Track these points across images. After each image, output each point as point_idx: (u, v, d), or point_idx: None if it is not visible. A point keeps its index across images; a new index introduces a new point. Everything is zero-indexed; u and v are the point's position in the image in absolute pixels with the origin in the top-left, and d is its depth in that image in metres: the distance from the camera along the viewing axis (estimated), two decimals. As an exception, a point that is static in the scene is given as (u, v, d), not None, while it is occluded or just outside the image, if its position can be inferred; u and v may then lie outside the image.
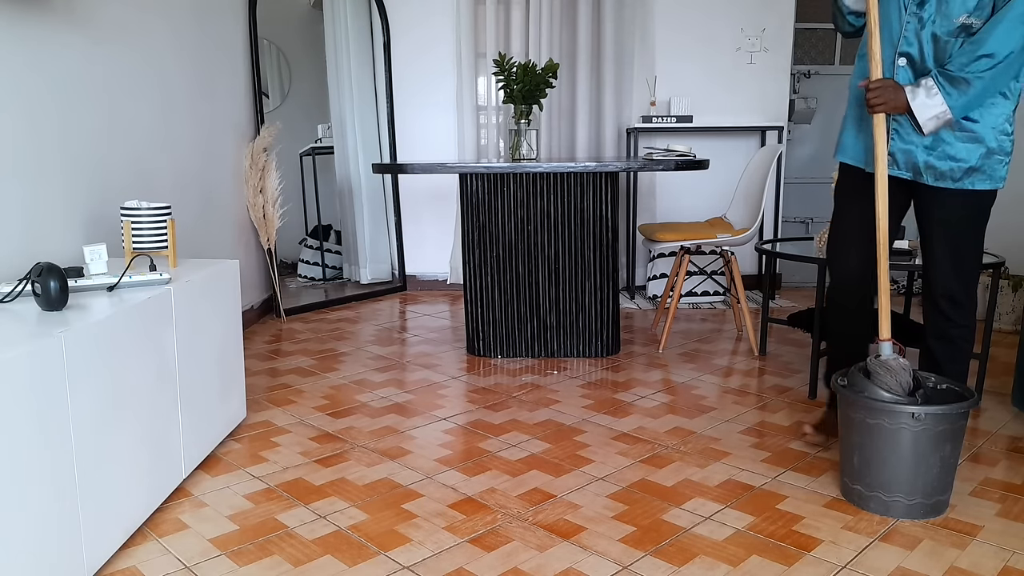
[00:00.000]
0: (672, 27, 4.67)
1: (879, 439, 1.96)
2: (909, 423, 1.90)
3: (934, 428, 1.90)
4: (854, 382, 2.05)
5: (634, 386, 3.03)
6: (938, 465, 1.94)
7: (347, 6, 4.63)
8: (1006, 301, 3.93)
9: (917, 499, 1.96)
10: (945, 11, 2.01)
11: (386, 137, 4.79)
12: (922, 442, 1.91)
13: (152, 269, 2.07)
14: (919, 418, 1.89)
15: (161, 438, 1.99)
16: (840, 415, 2.08)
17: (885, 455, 1.95)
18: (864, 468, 2.00)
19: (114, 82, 2.64)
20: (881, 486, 1.98)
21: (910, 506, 1.96)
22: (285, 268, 5.01)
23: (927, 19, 2.04)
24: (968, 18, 2.00)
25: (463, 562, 1.77)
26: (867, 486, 2.00)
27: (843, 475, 2.09)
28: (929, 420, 1.90)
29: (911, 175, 2.13)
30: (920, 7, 2.04)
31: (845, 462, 2.07)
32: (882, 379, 1.99)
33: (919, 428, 1.90)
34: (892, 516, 1.97)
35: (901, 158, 2.14)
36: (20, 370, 1.41)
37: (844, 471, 2.08)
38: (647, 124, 4.52)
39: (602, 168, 3.19)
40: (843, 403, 2.06)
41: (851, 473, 2.05)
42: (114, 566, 1.75)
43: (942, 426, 1.91)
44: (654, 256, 4.56)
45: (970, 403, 1.93)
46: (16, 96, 2.12)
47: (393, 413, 2.73)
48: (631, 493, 2.11)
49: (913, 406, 1.91)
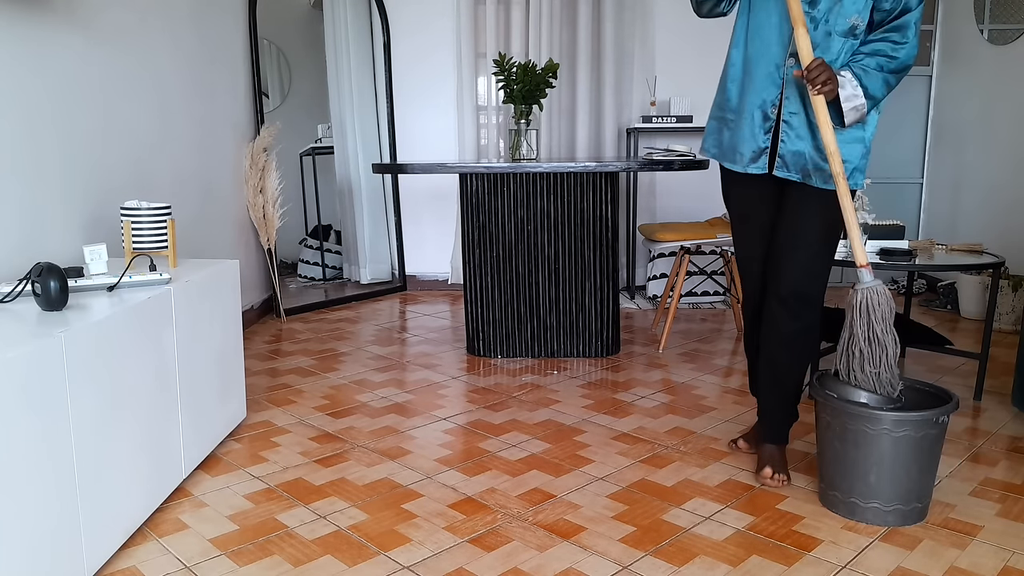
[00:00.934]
0: (672, 27, 4.67)
1: (857, 445, 1.92)
2: (890, 428, 1.87)
3: (915, 434, 1.87)
4: (832, 386, 2.02)
5: (634, 386, 3.03)
6: (916, 471, 1.91)
7: (347, 6, 4.63)
8: (1006, 301, 3.93)
9: (895, 505, 1.92)
10: (839, 10, 1.98)
11: (386, 137, 4.79)
12: (902, 448, 1.88)
13: (152, 269, 2.07)
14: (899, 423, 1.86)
15: (161, 438, 1.99)
16: (818, 420, 2.05)
17: (862, 461, 1.92)
18: (841, 474, 1.97)
19: (114, 82, 2.64)
20: (858, 492, 1.94)
21: (887, 512, 1.93)
22: (285, 268, 5.01)
23: (820, 18, 2.00)
24: (857, 18, 2.00)
25: (463, 562, 1.77)
26: (844, 492, 1.97)
27: (821, 480, 2.06)
28: (909, 426, 1.87)
29: (800, 177, 2.07)
30: (812, 6, 2.00)
31: (823, 467, 2.04)
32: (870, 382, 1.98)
33: (900, 434, 1.87)
34: (868, 522, 1.94)
35: (791, 160, 2.07)
36: (20, 370, 1.41)
37: (822, 477, 2.05)
38: (647, 124, 4.52)
39: (602, 168, 3.19)
40: (821, 408, 2.02)
41: (828, 479, 2.02)
42: (114, 566, 1.75)
43: (923, 432, 1.87)
44: (654, 256, 4.56)
45: (951, 407, 1.90)
46: (16, 96, 2.12)
47: (393, 413, 2.73)
48: (631, 493, 2.11)
49: (892, 412, 1.88)
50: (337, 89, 4.68)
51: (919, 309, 4.40)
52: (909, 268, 2.81)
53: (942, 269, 3.96)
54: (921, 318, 4.08)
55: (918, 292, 4.82)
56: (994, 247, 3.92)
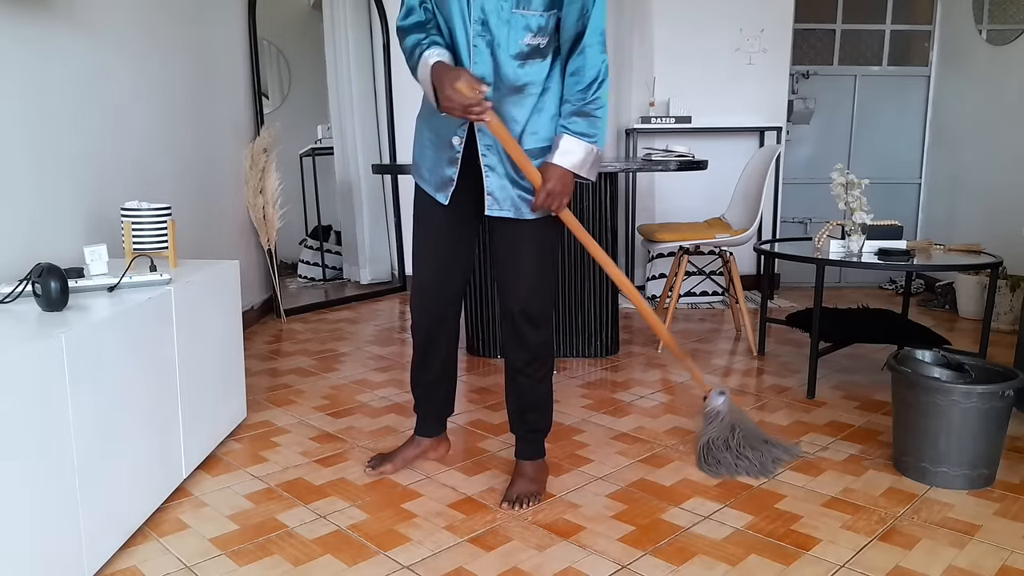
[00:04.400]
0: (671, 28, 4.68)
1: (928, 415, 2.12)
2: (959, 399, 2.07)
3: (981, 405, 2.06)
4: (907, 364, 2.25)
5: (633, 386, 3.03)
6: (983, 440, 2.10)
7: (347, 6, 4.63)
8: (1004, 301, 3.93)
9: (963, 470, 2.12)
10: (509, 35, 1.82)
11: (386, 137, 4.80)
12: (969, 418, 2.07)
13: (152, 270, 2.07)
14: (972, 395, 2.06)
15: (161, 438, 2.00)
16: (894, 394, 2.26)
17: (933, 429, 2.12)
18: (914, 441, 2.17)
19: (114, 82, 2.64)
20: (928, 458, 2.14)
21: (954, 476, 2.12)
22: (285, 268, 5.02)
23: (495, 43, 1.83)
24: (535, 37, 1.83)
25: (463, 562, 1.77)
26: (915, 457, 2.17)
27: (894, 448, 2.27)
28: (977, 398, 2.06)
29: (514, 213, 1.94)
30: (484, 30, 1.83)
31: (897, 435, 2.25)
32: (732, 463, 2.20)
33: (968, 405, 2.06)
34: (937, 486, 2.14)
35: (500, 196, 1.93)
36: (20, 370, 1.41)
37: (895, 444, 2.26)
38: (646, 125, 4.53)
39: (601, 169, 3.19)
40: (896, 382, 2.23)
41: (901, 446, 2.22)
42: (114, 566, 1.75)
43: (989, 404, 2.06)
44: (653, 256, 4.57)
45: (1017, 382, 2.08)
46: (17, 96, 2.12)
47: (393, 413, 2.73)
48: (630, 492, 2.11)
49: (962, 385, 2.09)
50: (337, 89, 4.68)
51: (917, 309, 4.41)
52: (907, 268, 2.82)
53: (940, 269, 3.97)
54: (919, 318, 4.08)
55: (916, 292, 4.83)
56: (992, 247, 3.92)
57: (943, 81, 4.90)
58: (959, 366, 2.26)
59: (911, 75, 4.98)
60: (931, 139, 5.00)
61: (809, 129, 5.00)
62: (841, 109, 4.99)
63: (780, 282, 4.98)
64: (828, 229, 3.00)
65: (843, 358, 3.37)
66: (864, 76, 4.96)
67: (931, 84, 4.96)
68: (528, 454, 2.15)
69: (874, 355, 3.42)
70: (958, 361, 2.27)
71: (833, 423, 2.63)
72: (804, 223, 5.06)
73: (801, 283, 4.94)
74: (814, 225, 5.03)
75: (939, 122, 4.93)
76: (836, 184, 2.95)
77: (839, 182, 2.94)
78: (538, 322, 2.02)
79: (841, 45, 4.95)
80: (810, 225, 5.05)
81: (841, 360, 3.35)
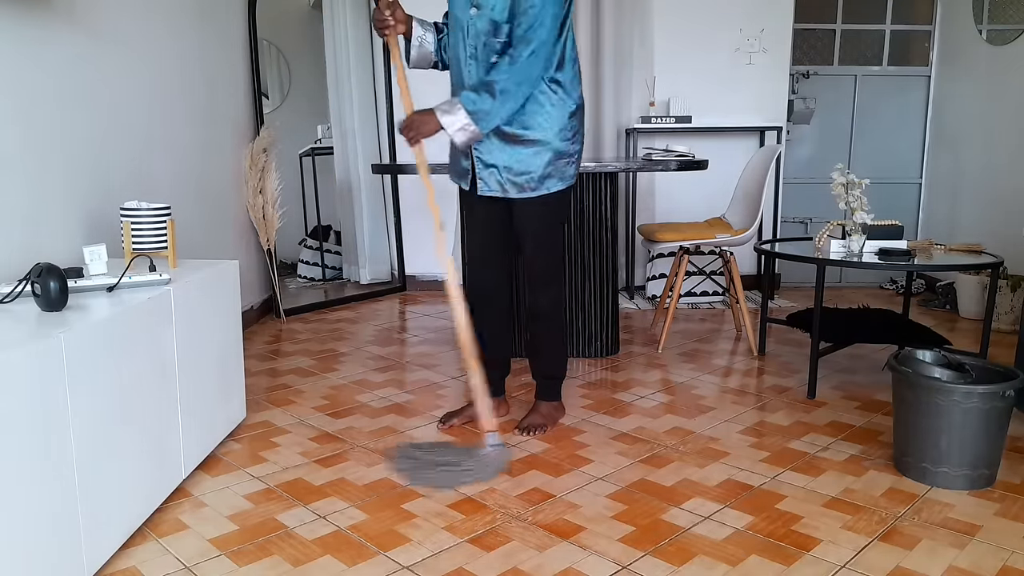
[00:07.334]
0: (671, 28, 4.68)
1: (930, 415, 2.12)
2: (960, 399, 2.06)
3: (982, 405, 2.06)
4: (907, 364, 2.25)
5: (633, 386, 3.03)
6: (983, 440, 2.09)
7: (347, 6, 4.63)
8: (1004, 301, 3.93)
9: (963, 470, 2.11)
10: (488, 43, 2.27)
11: (386, 137, 4.79)
12: (970, 418, 2.07)
13: (152, 270, 2.07)
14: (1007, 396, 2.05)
15: (161, 438, 1.99)
16: (894, 394, 2.26)
17: (934, 429, 2.12)
18: (915, 441, 2.17)
19: (114, 82, 2.64)
20: (930, 458, 2.14)
21: (955, 476, 2.11)
22: (285, 268, 5.01)
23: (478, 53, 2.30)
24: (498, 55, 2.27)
25: (463, 562, 1.77)
26: (916, 457, 2.17)
27: (895, 448, 2.27)
28: (977, 398, 2.05)
29: (500, 192, 2.36)
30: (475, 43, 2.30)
31: (898, 435, 2.25)
32: None
33: (969, 405, 2.06)
34: (938, 486, 2.13)
35: (488, 178, 2.37)
36: (20, 370, 1.41)
37: (896, 444, 2.26)
38: (646, 125, 4.52)
39: (601, 168, 3.19)
40: (897, 382, 2.23)
41: (902, 446, 2.22)
42: (114, 566, 1.75)
43: (989, 404, 2.06)
44: (653, 256, 4.56)
45: (1017, 382, 2.08)
46: (16, 96, 2.12)
47: (393, 413, 2.73)
48: (630, 493, 2.11)
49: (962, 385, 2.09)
50: (337, 89, 4.68)
51: (918, 309, 4.41)
52: (908, 268, 2.81)
53: (941, 269, 3.97)
54: (920, 318, 4.08)
55: (917, 292, 4.82)
56: (993, 247, 3.92)
57: (943, 81, 4.89)
58: (960, 366, 2.25)
59: (911, 75, 4.98)
60: (931, 139, 4.99)
61: (809, 129, 4.99)
62: (841, 109, 4.98)
63: (780, 282, 4.98)
64: (829, 229, 3.00)
65: (844, 358, 3.37)
66: (864, 76, 4.95)
67: (931, 84, 4.96)
68: (542, 395, 2.62)
69: (875, 355, 3.42)
70: (959, 361, 2.27)
71: (834, 423, 2.62)
72: (804, 223, 5.06)
73: (801, 283, 4.94)
74: (814, 225, 5.03)
75: (939, 122, 4.93)
76: (836, 184, 2.94)
77: (839, 182, 2.94)
78: (537, 285, 2.48)
79: (841, 45, 4.95)
80: (810, 225, 5.04)
81: (842, 360, 3.35)
